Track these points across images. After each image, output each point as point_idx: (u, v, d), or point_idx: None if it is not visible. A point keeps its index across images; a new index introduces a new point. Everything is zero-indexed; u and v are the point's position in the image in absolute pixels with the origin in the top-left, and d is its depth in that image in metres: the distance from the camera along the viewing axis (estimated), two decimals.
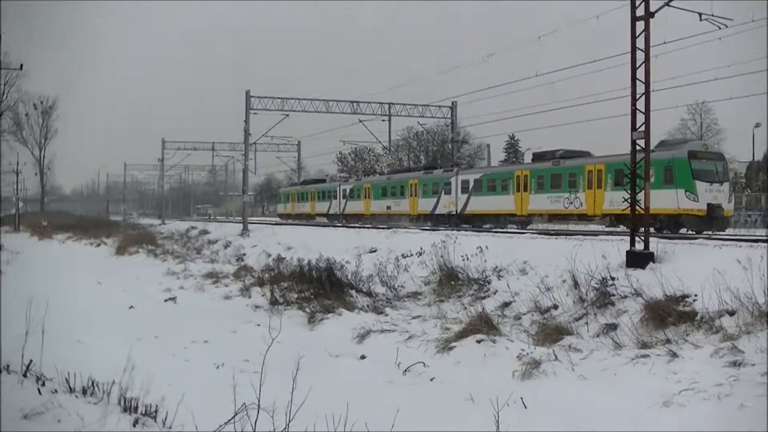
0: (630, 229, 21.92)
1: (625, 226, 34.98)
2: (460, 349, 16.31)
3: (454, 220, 49.38)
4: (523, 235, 32.29)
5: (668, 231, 33.03)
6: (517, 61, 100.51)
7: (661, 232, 31.71)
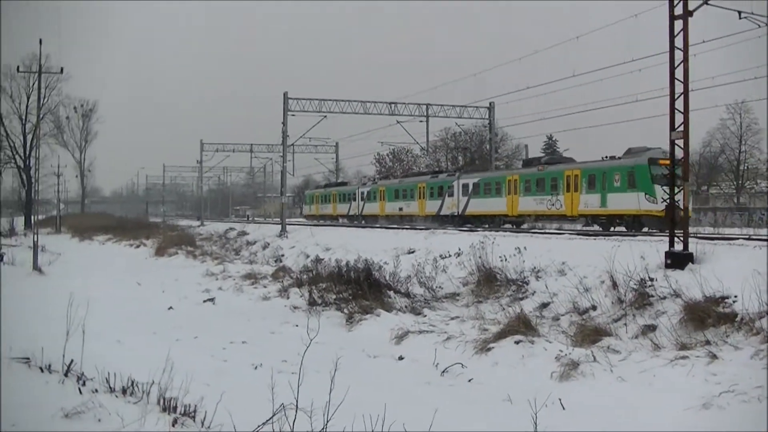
0: (668, 230, 21.80)
1: (598, 225, 39.90)
2: (499, 350, 16.26)
3: (456, 221, 52.60)
4: (561, 236, 32.31)
5: (633, 230, 36.05)
6: (556, 61, 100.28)
7: (629, 231, 35.40)
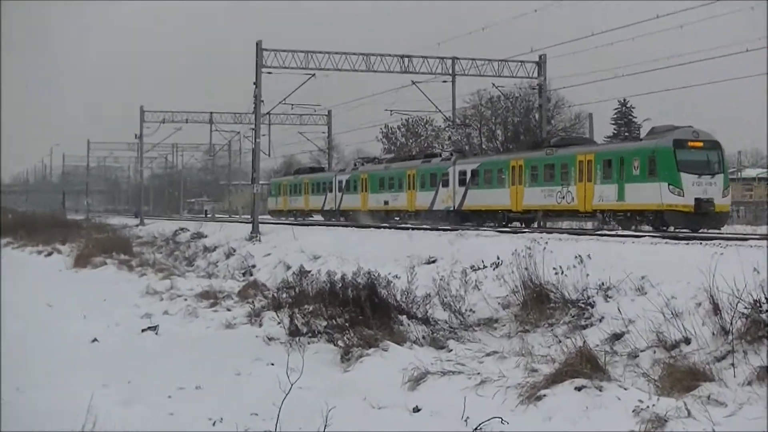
0: None
1: (617, 223, 40.64)
2: (553, 399, 16.23)
3: (452, 218, 53.26)
4: (639, 240, 32.35)
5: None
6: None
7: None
